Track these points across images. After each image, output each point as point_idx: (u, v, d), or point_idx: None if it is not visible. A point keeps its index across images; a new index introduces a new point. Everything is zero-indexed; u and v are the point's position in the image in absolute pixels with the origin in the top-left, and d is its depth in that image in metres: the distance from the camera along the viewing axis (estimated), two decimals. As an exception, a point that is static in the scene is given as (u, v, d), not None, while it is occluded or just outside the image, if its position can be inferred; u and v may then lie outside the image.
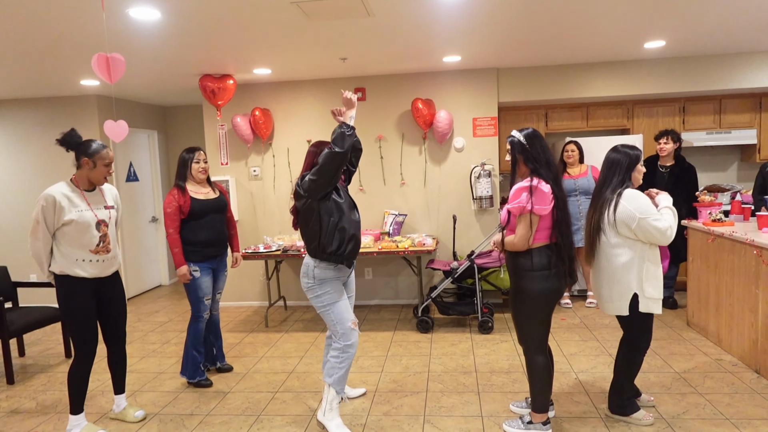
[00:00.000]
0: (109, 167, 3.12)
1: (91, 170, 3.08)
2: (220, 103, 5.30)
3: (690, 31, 4.42)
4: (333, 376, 3.12)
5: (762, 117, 5.82)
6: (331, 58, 4.75)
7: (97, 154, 3.06)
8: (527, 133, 2.87)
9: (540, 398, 2.95)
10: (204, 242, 3.83)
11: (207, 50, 4.27)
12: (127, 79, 5.27)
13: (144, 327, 5.53)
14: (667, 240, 2.83)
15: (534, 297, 2.85)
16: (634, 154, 2.96)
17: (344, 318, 3.13)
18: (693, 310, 4.62)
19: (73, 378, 3.16)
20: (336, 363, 3.12)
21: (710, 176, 6.30)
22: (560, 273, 2.87)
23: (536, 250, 2.83)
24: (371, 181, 5.85)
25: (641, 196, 2.88)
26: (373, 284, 5.99)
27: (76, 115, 6.09)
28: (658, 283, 2.91)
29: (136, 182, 6.97)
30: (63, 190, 3.05)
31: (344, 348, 3.12)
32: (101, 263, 3.14)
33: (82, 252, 3.07)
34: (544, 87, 5.66)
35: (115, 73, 2.55)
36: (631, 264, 2.89)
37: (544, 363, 2.92)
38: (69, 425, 3.21)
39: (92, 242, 3.09)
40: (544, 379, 2.93)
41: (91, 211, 3.10)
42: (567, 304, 5.47)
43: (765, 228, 3.88)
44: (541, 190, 2.76)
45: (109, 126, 2.82)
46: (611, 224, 2.91)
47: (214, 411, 3.51)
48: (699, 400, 3.33)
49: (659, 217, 2.83)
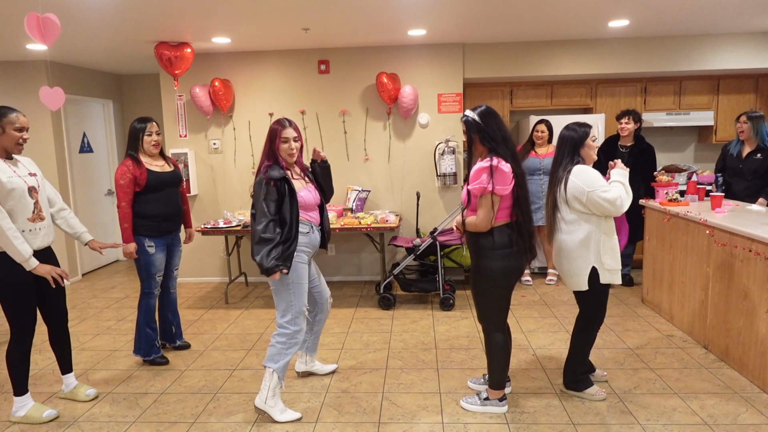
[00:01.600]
0: (22, 132, 2.92)
1: (1, 136, 2.88)
2: (178, 73, 5.09)
3: (653, 11, 4.43)
4: (279, 363, 3.00)
5: (719, 99, 5.94)
6: (293, 27, 4.59)
7: (4, 118, 2.87)
8: (481, 111, 2.83)
9: (497, 375, 2.98)
10: (161, 216, 3.71)
11: (161, 15, 4.06)
12: (77, 44, 4.99)
13: (99, 303, 5.37)
14: (618, 210, 2.86)
15: (495, 275, 2.85)
16: (582, 130, 2.98)
17: (301, 302, 3.04)
18: (648, 287, 4.74)
19: (13, 358, 3.02)
20: (282, 349, 3.00)
21: (669, 157, 6.43)
22: (521, 251, 2.87)
23: (497, 229, 2.82)
24: (334, 157, 5.75)
25: (589, 170, 2.91)
26: (336, 260, 5.94)
27: (22, 81, 5.76)
28: (616, 255, 2.97)
29: (90, 153, 6.69)
30: None
31: (293, 333, 3.01)
32: (38, 232, 2.99)
33: (20, 222, 2.90)
34: (509, 64, 5.63)
35: (48, 35, 2.38)
36: (588, 238, 2.92)
37: (502, 341, 2.94)
38: (14, 407, 3.09)
39: (28, 209, 2.94)
40: (501, 356, 2.95)
41: (20, 178, 2.93)
42: (527, 281, 5.55)
43: (718, 208, 3.97)
44: (501, 170, 2.74)
45: (44, 93, 2.65)
46: (564, 201, 2.95)
47: (169, 389, 3.44)
48: (650, 375, 3.42)
49: (608, 188, 2.86)
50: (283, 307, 3.01)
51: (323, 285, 3.39)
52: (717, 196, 4.02)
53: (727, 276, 3.49)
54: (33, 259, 2.90)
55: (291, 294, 2.99)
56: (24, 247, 2.85)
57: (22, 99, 5.69)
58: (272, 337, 3.04)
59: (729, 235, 3.44)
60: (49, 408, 3.15)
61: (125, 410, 3.18)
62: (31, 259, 2.89)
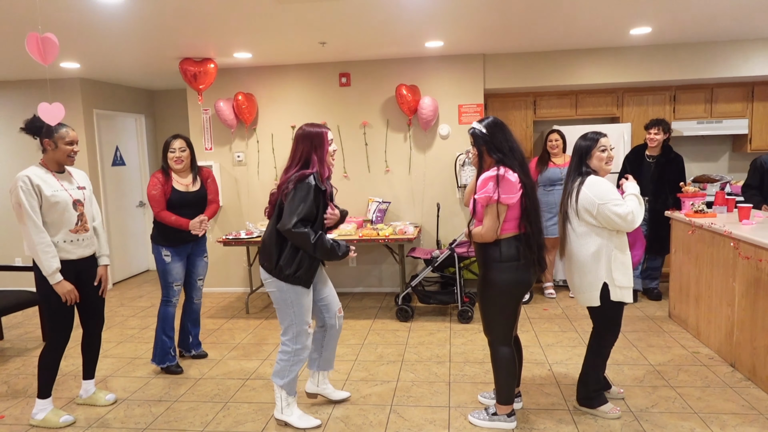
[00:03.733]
0: (72, 146, 3.09)
1: (54, 151, 3.07)
2: (202, 87, 5.23)
3: (676, 18, 4.31)
4: (284, 379, 2.98)
5: (754, 106, 5.72)
6: (311, 42, 4.66)
7: (56, 134, 3.04)
8: (487, 122, 2.80)
9: (504, 390, 2.91)
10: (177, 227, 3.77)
11: (184, 33, 4.20)
12: (108, 61, 5.20)
13: (125, 312, 5.52)
14: (630, 226, 2.77)
15: (501, 288, 2.81)
16: (589, 140, 2.92)
17: (303, 321, 2.95)
18: (674, 302, 4.56)
19: (45, 362, 3.15)
20: (286, 366, 2.96)
21: (701, 166, 6.22)
22: (529, 264, 2.81)
23: (505, 240, 2.78)
24: (355, 168, 5.79)
25: (602, 182, 2.84)
26: (357, 272, 5.95)
27: (58, 98, 6.03)
28: (627, 271, 2.88)
29: (122, 166, 6.93)
30: (36, 172, 3.05)
31: (296, 351, 2.96)
32: (81, 242, 3.15)
33: (62, 233, 3.06)
34: (532, 74, 5.56)
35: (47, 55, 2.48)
36: (599, 253, 2.84)
37: (509, 354, 2.88)
38: (35, 409, 3.20)
39: (71, 222, 3.10)
40: (508, 370, 2.89)
41: (66, 192, 3.09)
42: (551, 294, 5.43)
43: (745, 220, 3.81)
44: (507, 179, 2.70)
45: (43, 108, 2.76)
46: (575, 212, 2.87)
47: (182, 397, 3.50)
48: (670, 394, 3.29)
49: (620, 202, 2.77)
50: (285, 325, 2.96)
51: (332, 297, 3.21)
52: (745, 207, 3.85)
53: (753, 291, 3.33)
54: (58, 274, 3.02)
55: (292, 312, 2.92)
56: (50, 262, 2.98)
57: (58, 115, 5.95)
58: (278, 353, 3.03)
59: (755, 248, 3.29)
60: (66, 414, 3.24)
61: (138, 417, 3.25)
62: (56, 275, 3.01)
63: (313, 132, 2.90)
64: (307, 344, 3.00)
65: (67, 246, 3.08)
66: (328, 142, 2.92)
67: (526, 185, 2.76)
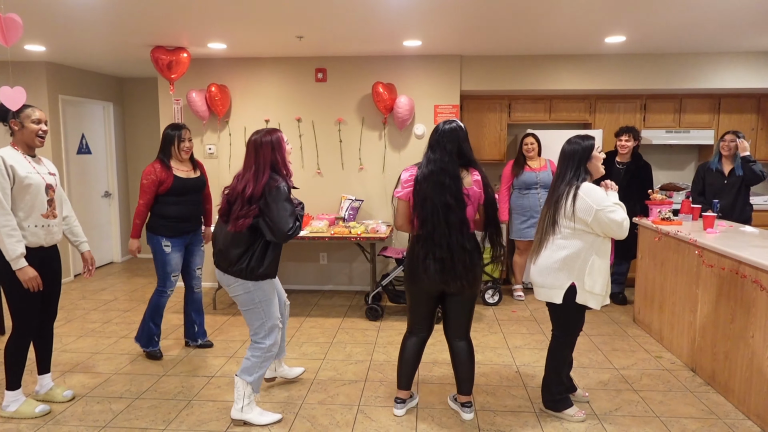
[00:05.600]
0: (39, 124, 2.99)
1: (21, 131, 2.97)
2: (174, 77, 5.10)
3: (649, 29, 4.39)
4: (253, 375, 2.98)
5: (720, 118, 5.87)
6: (287, 35, 4.59)
7: (21, 113, 2.96)
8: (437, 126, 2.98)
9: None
10: (178, 217, 3.85)
11: (155, 19, 4.07)
12: (76, 46, 5.02)
13: (87, 305, 5.35)
14: (624, 232, 2.79)
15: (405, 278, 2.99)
16: (587, 143, 2.90)
17: (273, 316, 2.99)
18: (639, 307, 4.65)
19: (12, 352, 3.06)
20: (257, 363, 2.97)
21: (668, 175, 6.36)
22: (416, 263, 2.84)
23: (413, 237, 2.91)
24: (329, 165, 5.74)
25: (597, 188, 2.84)
26: (328, 269, 5.91)
27: (21, 82, 5.80)
28: (601, 278, 2.87)
29: (88, 155, 6.72)
30: (10, 153, 2.95)
31: (268, 348, 2.97)
32: (50, 228, 3.07)
33: (33, 217, 2.97)
34: (507, 77, 5.60)
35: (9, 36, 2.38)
36: (577, 255, 2.85)
37: (403, 343, 3.07)
38: (5, 401, 3.11)
39: (43, 206, 3.01)
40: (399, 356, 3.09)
41: (39, 175, 3.01)
42: (519, 297, 5.47)
43: (710, 228, 3.90)
44: (402, 174, 2.92)
45: (3, 92, 2.66)
46: (568, 217, 2.85)
47: (144, 394, 3.40)
48: (633, 398, 3.34)
49: (615, 209, 2.78)
50: (256, 326, 2.97)
51: (281, 287, 3.39)
52: (709, 216, 3.95)
53: (714, 298, 3.42)
54: (22, 260, 2.91)
55: (261, 311, 2.95)
56: (15, 247, 2.87)
57: (21, 99, 5.72)
58: (248, 351, 3.00)
59: (717, 256, 3.37)
60: (41, 403, 3.15)
61: (97, 414, 3.15)
62: (20, 260, 2.90)
63: (272, 138, 2.92)
64: (278, 339, 3.02)
65: (38, 231, 3.00)
66: (285, 145, 2.99)
67: (419, 182, 2.80)
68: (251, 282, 2.88)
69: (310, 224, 5.05)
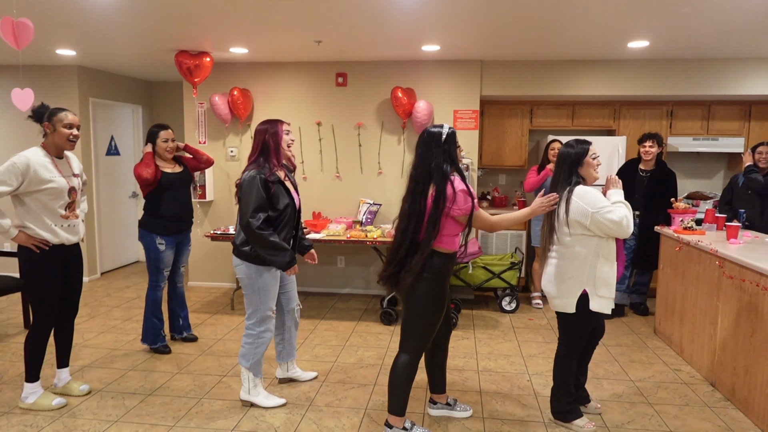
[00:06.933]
0: (71, 129, 3.08)
1: (53, 134, 3.07)
2: (197, 81, 5.21)
3: (673, 33, 4.30)
4: (250, 361, 3.17)
5: (751, 125, 5.70)
6: (306, 40, 4.64)
7: (54, 117, 3.05)
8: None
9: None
10: (171, 216, 3.97)
11: (179, 24, 4.17)
12: (105, 50, 5.18)
13: (110, 302, 5.49)
14: (625, 231, 2.73)
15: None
16: (580, 147, 2.86)
17: (268, 306, 3.15)
18: (660, 318, 4.54)
19: (32, 345, 3.16)
20: (251, 348, 3.16)
21: (695, 183, 6.19)
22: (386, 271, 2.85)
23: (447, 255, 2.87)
24: (348, 169, 5.77)
25: (591, 190, 2.80)
26: (345, 273, 5.93)
27: (54, 85, 6.01)
28: (610, 282, 2.83)
29: (116, 156, 6.91)
30: (37, 155, 3.04)
31: (259, 334, 3.15)
32: (71, 227, 3.17)
33: (52, 218, 3.07)
34: (529, 82, 5.55)
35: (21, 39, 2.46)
36: (584, 261, 2.81)
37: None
38: (24, 392, 3.21)
39: (62, 209, 3.11)
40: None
41: (64, 178, 3.10)
42: (537, 304, 5.40)
43: (733, 239, 3.78)
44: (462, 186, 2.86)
45: (15, 94, 2.78)
46: (564, 222, 2.82)
47: (157, 391, 3.47)
48: (647, 411, 3.26)
49: (612, 209, 2.73)
50: (250, 310, 3.15)
51: (294, 290, 3.44)
52: (733, 226, 3.82)
53: (735, 311, 3.31)
54: (12, 229, 2.99)
55: (258, 298, 3.11)
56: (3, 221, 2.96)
57: (52, 103, 5.87)
58: (243, 337, 3.20)
59: (739, 267, 3.26)
60: (58, 396, 3.25)
61: (110, 409, 3.22)
62: (10, 230, 2.98)
63: (267, 123, 3.10)
64: (270, 327, 3.18)
65: (57, 229, 3.09)
66: (282, 132, 3.08)
67: None
68: (254, 267, 3.04)
69: (327, 227, 5.08)
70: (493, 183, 6.50)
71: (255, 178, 2.97)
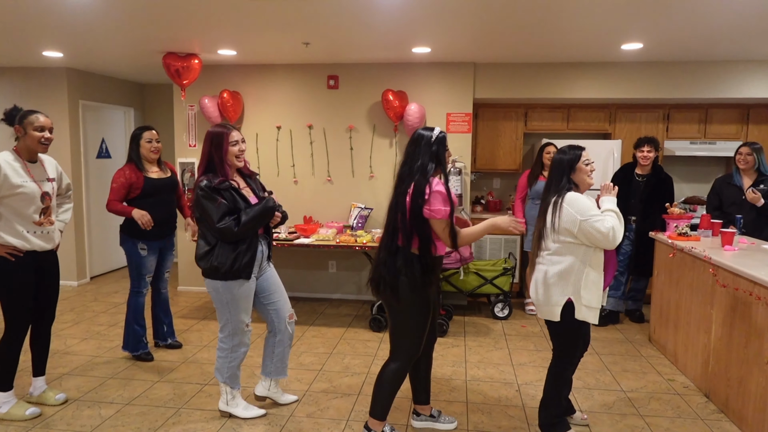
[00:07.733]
0: (43, 132, 3.00)
1: (24, 138, 2.99)
2: (185, 83, 5.13)
3: (666, 35, 4.21)
4: (225, 375, 3.07)
5: (749, 129, 5.60)
6: (294, 42, 4.56)
7: (25, 119, 2.97)
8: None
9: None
10: (155, 221, 3.84)
11: (165, 25, 4.09)
12: (94, 52, 5.11)
13: (97, 307, 5.41)
14: (611, 243, 2.65)
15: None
16: (572, 153, 2.78)
17: (239, 319, 3.00)
18: (655, 325, 4.43)
19: (4, 354, 3.07)
20: (225, 363, 3.05)
21: (692, 187, 6.09)
22: None
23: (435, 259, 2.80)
24: (339, 173, 5.69)
25: (581, 198, 2.71)
26: (336, 278, 5.84)
27: (43, 87, 5.94)
28: (597, 290, 2.74)
29: (107, 159, 6.84)
30: (8, 158, 2.96)
31: (233, 348, 3.03)
32: (45, 234, 3.08)
33: (24, 224, 2.98)
34: (523, 85, 5.46)
35: None
36: (571, 268, 2.72)
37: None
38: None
39: (36, 215, 3.02)
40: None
41: (35, 183, 3.01)
42: (531, 311, 5.30)
43: (728, 245, 3.68)
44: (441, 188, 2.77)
45: None
46: (555, 229, 2.74)
47: (135, 400, 3.38)
48: (637, 423, 3.16)
49: (601, 218, 2.65)
50: (222, 323, 3.04)
51: (283, 302, 3.20)
52: (728, 233, 3.72)
53: (729, 320, 3.21)
54: None
55: (228, 312, 2.98)
56: None
57: (41, 105, 5.84)
58: (216, 350, 3.11)
59: (732, 275, 3.17)
60: (32, 406, 3.16)
61: (85, 419, 3.14)
62: None
63: (213, 132, 2.90)
64: (245, 341, 3.06)
65: (29, 236, 3.00)
66: (229, 143, 2.88)
67: None
68: (220, 282, 2.90)
69: (317, 232, 5.00)
70: (487, 187, 6.41)
71: (205, 190, 2.82)
